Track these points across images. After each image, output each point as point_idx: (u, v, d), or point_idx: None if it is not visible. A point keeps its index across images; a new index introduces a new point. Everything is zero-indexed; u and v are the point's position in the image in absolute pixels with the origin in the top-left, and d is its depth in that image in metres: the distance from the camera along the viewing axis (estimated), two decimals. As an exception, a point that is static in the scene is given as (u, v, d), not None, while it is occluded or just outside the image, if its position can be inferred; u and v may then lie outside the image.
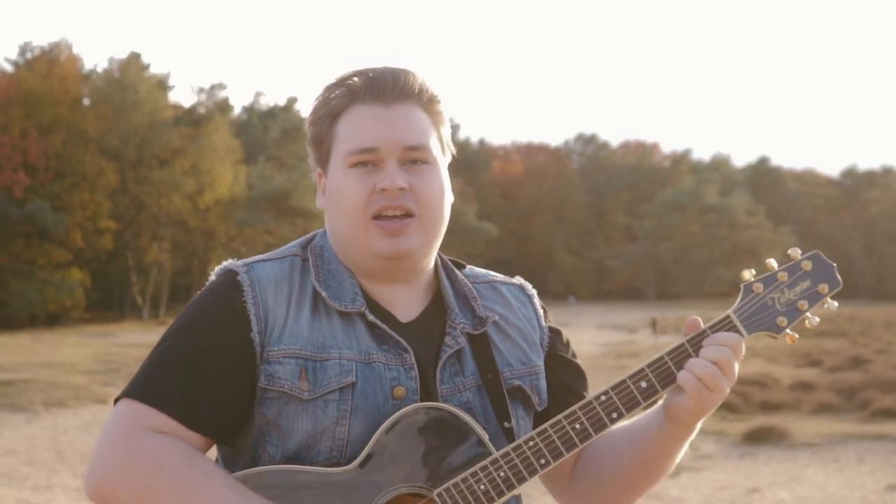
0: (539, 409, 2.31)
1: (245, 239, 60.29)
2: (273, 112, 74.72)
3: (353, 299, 2.20)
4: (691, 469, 13.68)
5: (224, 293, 2.18)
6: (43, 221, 52.73)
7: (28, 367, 25.99)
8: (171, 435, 2.08)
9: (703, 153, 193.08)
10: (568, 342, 2.44)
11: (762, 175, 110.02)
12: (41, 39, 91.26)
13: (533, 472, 2.13)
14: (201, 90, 65.96)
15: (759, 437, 15.74)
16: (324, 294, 2.19)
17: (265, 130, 71.70)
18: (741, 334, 2.19)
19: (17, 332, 46.23)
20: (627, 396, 2.16)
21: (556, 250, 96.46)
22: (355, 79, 2.22)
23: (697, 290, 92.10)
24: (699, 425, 2.23)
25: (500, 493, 2.11)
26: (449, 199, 2.28)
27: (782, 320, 2.22)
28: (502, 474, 2.11)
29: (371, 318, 2.18)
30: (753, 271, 2.25)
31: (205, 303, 2.19)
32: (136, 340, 39.84)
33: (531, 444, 2.13)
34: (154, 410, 2.09)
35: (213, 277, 2.24)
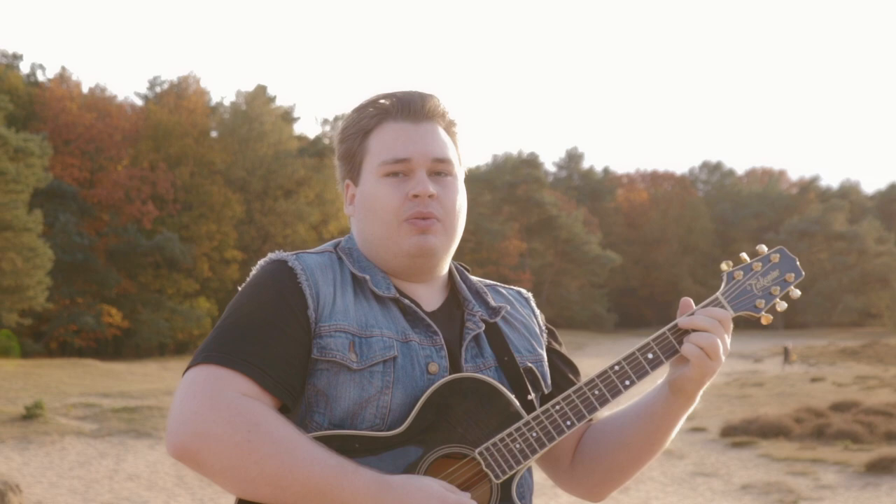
0: (546, 391, 2.59)
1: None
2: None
3: (388, 287, 2.48)
4: (811, 499, 13.29)
5: (281, 276, 2.41)
6: (171, 252, 53.55)
7: (154, 395, 26.34)
8: (252, 397, 2.26)
9: (831, 180, 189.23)
10: (561, 341, 2.76)
11: (893, 201, 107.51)
12: (170, 74, 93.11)
13: (561, 432, 2.42)
14: (325, 121, 66.72)
15: (882, 467, 15.25)
16: (367, 278, 2.47)
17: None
18: (729, 313, 2.50)
19: (145, 361, 46.92)
20: (637, 366, 2.46)
21: (682, 279, 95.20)
22: (384, 100, 2.51)
23: (826, 320, 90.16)
24: (698, 397, 2.52)
25: (534, 451, 2.40)
26: (465, 209, 2.57)
27: (760, 302, 2.55)
28: (535, 434, 2.40)
29: (406, 301, 2.47)
30: (731, 262, 2.57)
31: (265, 283, 2.41)
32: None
33: (557, 407, 2.42)
34: (236, 374, 2.26)
35: (258, 268, 2.48)
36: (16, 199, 41.75)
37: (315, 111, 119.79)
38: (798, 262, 2.61)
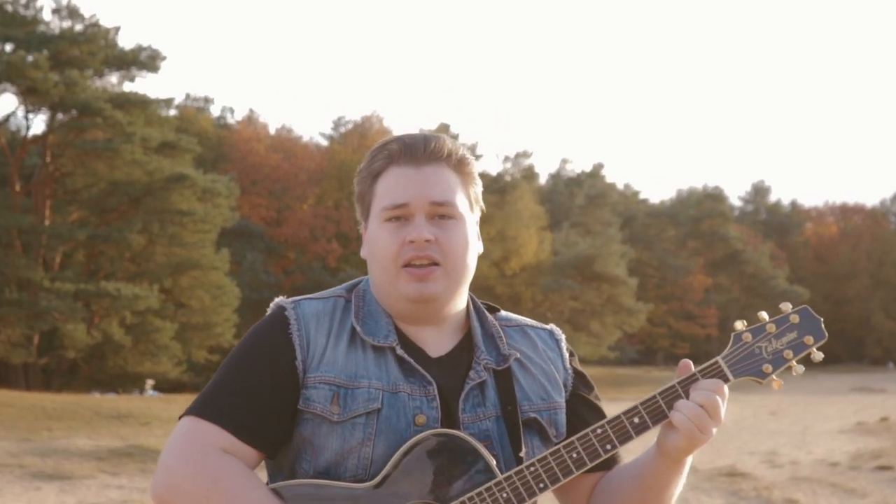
0: (556, 440, 2.53)
1: (551, 304, 60.24)
2: (579, 179, 74.74)
3: (387, 336, 2.48)
4: None
5: (274, 326, 2.49)
6: (355, 289, 54.03)
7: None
8: (228, 447, 2.39)
9: None
10: (592, 385, 2.68)
11: None
12: (354, 114, 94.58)
13: (532, 494, 2.39)
14: (507, 158, 66.66)
15: None
16: (359, 329, 2.49)
17: (571, 197, 71.73)
18: (727, 378, 2.44)
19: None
20: (621, 430, 2.41)
21: (874, 314, 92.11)
22: (393, 144, 2.53)
23: None
24: (689, 462, 2.46)
25: None
26: (475, 250, 2.55)
27: (767, 367, 2.45)
28: (504, 495, 2.36)
29: (400, 352, 2.47)
30: (745, 322, 2.46)
31: (258, 333, 2.51)
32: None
33: (532, 469, 2.39)
34: (213, 426, 2.39)
35: (268, 311, 2.57)
36: (204, 238, 42.67)
37: (497, 148, 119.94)
38: (822, 324, 2.49)
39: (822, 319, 2.50)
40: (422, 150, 2.51)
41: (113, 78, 43.81)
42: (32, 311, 36.37)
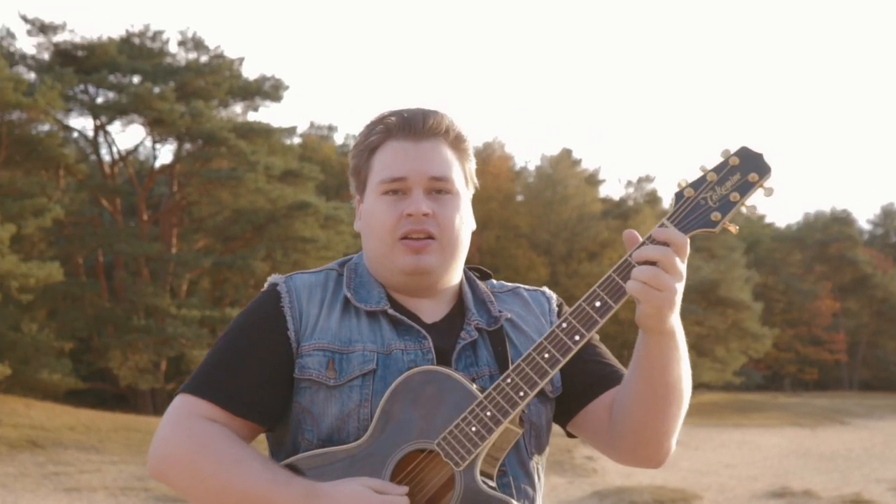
0: (552, 395, 2.57)
1: (675, 329, 59.39)
2: (702, 202, 73.70)
3: (379, 301, 2.52)
4: None
5: (265, 300, 2.54)
6: (477, 314, 53.96)
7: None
8: (220, 422, 2.43)
9: None
10: (593, 341, 2.65)
11: None
12: (475, 140, 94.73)
13: (514, 405, 2.33)
14: (629, 183, 66.14)
15: None
16: (351, 297, 2.52)
17: (700, 221, 70.72)
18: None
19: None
20: (585, 317, 2.33)
21: None
22: (392, 118, 2.55)
23: None
24: (676, 328, 2.36)
25: (490, 431, 2.34)
26: (469, 226, 2.59)
27: (716, 215, 2.34)
28: (488, 413, 2.34)
29: (392, 312, 2.50)
30: (687, 179, 2.34)
31: (250, 309, 2.55)
32: (563, 431, 39.79)
33: (508, 380, 2.35)
34: (203, 401, 2.44)
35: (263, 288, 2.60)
36: (325, 264, 42.81)
37: (619, 173, 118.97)
38: (765, 158, 2.34)
39: (763, 153, 2.35)
40: (420, 125, 2.53)
41: (237, 108, 44.48)
42: (160, 338, 36.90)
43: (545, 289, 2.75)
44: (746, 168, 2.35)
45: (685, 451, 32.18)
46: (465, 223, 2.57)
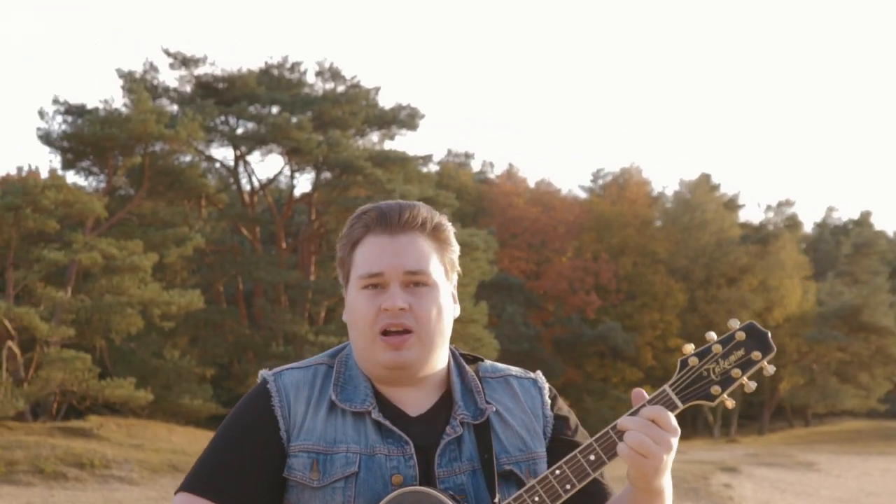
0: None
1: (816, 356, 57.98)
2: (845, 227, 72.08)
3: (364, 400, 2.55)
4: None
5: (257, 400, 2.59)
6: (615, 341, 53.44)
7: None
8: None
9: None
10: (577, 426, 2.69)
11: None
12: (612, 166, 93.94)
13: None
14: (769, 207, 64.91)
15: None
16: (335, 398, 2.56)
17: (836, 246, 69.22)
18: (675, 406, 2.45)
19: (588, 449, 46.72)
20: (578, 469, 2.43)
21: None
22: (371, 213, 2.59)
23: None
24: (664, 488, 2.46)
25: None
26: (450, 315, 2.61)
27: (716, 389, 2.43)
28: None
29: (375, 416, 2.54)
30: (693, 345, 2.45)
31: (243, 408, 2.61)
32: (700, 458, 39.12)
33: None
34: (203, 500, 2.49)
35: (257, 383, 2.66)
36: (462, 291, 42.82)
37: (759, 197, 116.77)
38: (769, 337, 2.47)
39: (768, 333, 2.47)
40: (396, 220, 2.57)
41: (374, 137, 44.75)
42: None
43: (538, 377, 2.74)
44: (751, 345, 2.46)
45: (826, 479, 31.31)
46: (443, 313, 2.59)
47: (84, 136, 34.48)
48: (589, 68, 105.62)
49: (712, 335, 2.47)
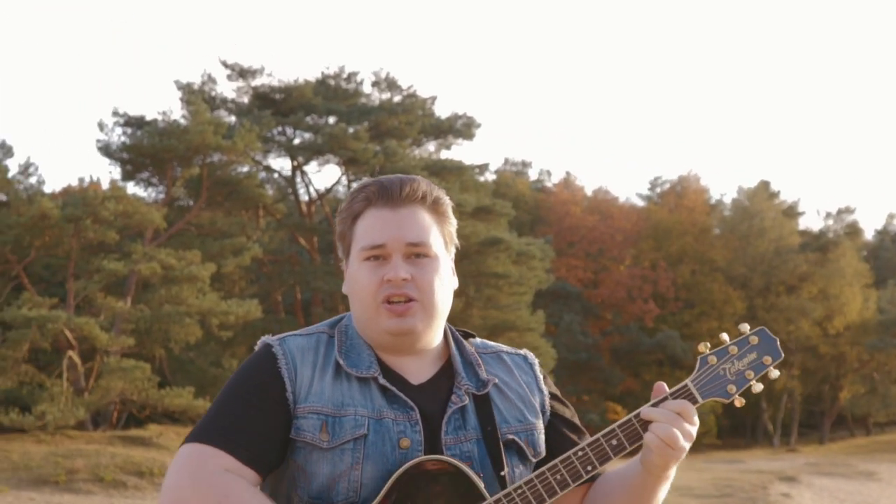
0: (534, 459, 2.68)
1: (877, 364, 57.20)
2: (907, 234, 71.13)
3: (369, 367, 2.61)
4: None
5: (263, 361, 2.62)
6: (673, 350, 53.06)
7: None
8: (230, 468, 2.49)
9: None
10: (567, 403, 2.81)
11: None
12: (670, 173, 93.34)
13: None
14: (829, 215, 64.18)
15: None
16: (342, 363, 2.61)
17: (898, 253, 68.35)
18: (696, 400, 2.57)
19: (646, 458, 46.48)
20: (600, 452, 2.55)
21: None
22: (371, 186, 2.66)
23: None
24: (672, 474, 2.60)
25: None
26: (450, 286, 2.69)
27: (732, 388, 2.58)
28: None
29: (382, 381, 2.59)
30: (709, 344, 2.59)
31: (249, 369, 2.63)
32: (759, 467, 38.72)
33: (519, 491, 2.50)
34: (218, 450, 2.50)
35: (255, 349, 2.68)
36: (519, 300, 42.74)
37: (819, 205, 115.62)
38: (778, 344, 2.63)
39: (777, 339, 2.63)
40: (398, 193, 2.63)
41: (430, 146, 44.73)
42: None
43: (528, 354, 2.83)
44: (763, 350, 2.62)
45: (887, 489, 30.87)
46: (444, 284, 2.66)
47: (143, 148, 34.72)
48: (646, 76, 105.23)
49: (726, 337, 2.62)
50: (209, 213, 36.80)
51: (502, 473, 2.58)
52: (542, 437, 2.70)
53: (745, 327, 2.63)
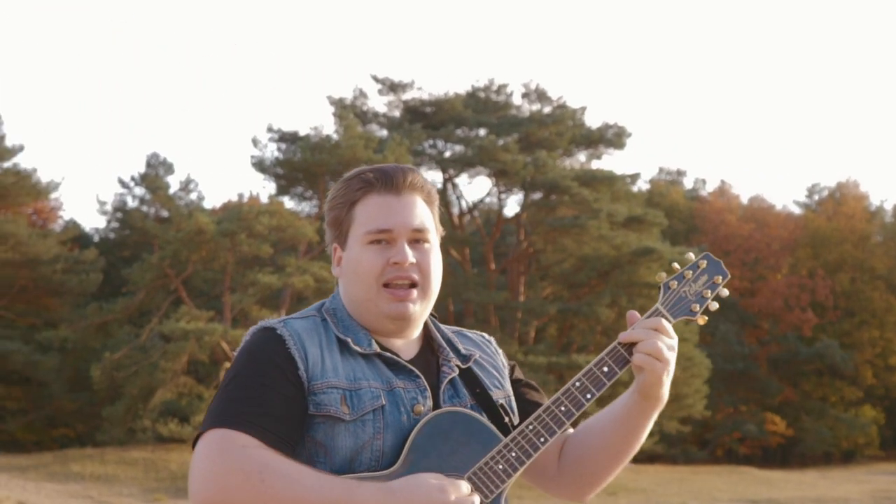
0: (514, 423, 2.78)
1: None
2: None
3: (369, 344, 2.69)
4: None
5: (270, 343, 2.62)
6: (832, 359, 51.51)
7: (800, 502, 24.97)
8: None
9: None
10: (520, 370, 2.97)
11: None
12: (828, 180, 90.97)
13: (536, 449, 2.66)
14: None
15: None
16: (348, 340, 2.67)
17: None
18: (669, 320, 2.76)
19: (806, 469, 45.40)
20: (595, 379, 2.72)
21: None
22: (370, 174, 2.74)
23: None
24: (664, 396, 2.74)
25: (515, 469, 2.64)
26: (441, 271, 2.78)
27: (695, 306, 2.82)
28: (513, 454, 2.64)
29: (387, 354, 2.68)
30: (664, 273, 2.84)
31: (256, 351, 2.63)
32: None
33: (530, 427, 2.67)
34: (241, 433, 2.49)
35: (248, 335, 2.69)
36: (672, 310, 42.06)
37: None
38: (723, 265, 2.86)
39: (721, 261, 2.86)
40: (402, 181, 2.71)
41: (580, 156, 44.29)
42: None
43: (483, 333, 2.98)
44: (712, 271, 2.84)
45: None
46: (440, 271, 2.77)
47: (295, 163, 35.14)
48: (802, 81, 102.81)
49: (677, 266, 2.83)
50: (360, 226, 36.96)
51: (506, 421, 2.73)
52: (514, 403, 2.84)
53: (691, 255, 2.85)
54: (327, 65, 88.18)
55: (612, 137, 42.67)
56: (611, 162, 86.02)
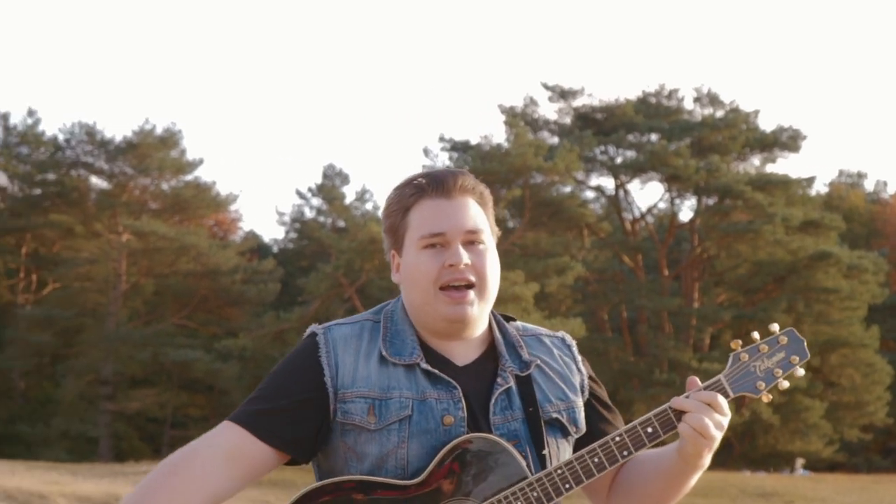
0: (576, 435, 2.77)
1: None
2: None
3: (412, 353, 2.68)
4: None
5: (306, 349, 2.71)
6: None
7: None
8: (247, 444, 2.64)
9: None
10: (601, 384, 2.89)
11: None
12: None
13: (559, 494, 2.63)
14: None
15: None
16: (386, 353, 2.68)
17: None
18: (728, 394, 2.67)
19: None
20: (636, 438, 2.65)
21: None
22: (421, 179, 2.74)
23: None
24: (706, 463, 2.68)
25: None
26: (498, 273, 2.75)
27: (761, 384, 2.70)
28: (535, 494, 2.61)
29: (424, 366, 2.68)
30: (740, 342, 2.71)
31: (292, 356, 2.75)
32: None
33: (559, 471, 2.63)
34: (238, 427, 2.63)
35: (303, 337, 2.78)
36: (851, 315, 40.85)
37: None
38: (805, 345, 2.72)
39: (805, 340, 2.72)
40: (452, 184, 2.69)
41: (755, 160, 43.38)
42: (682, 392, 36.48)
43: (566, 335, 2.91)
44: (791, 349, 2.70)
45: None
46: (496, 271, 2.74)
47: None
48: None
49: (757, 336, 2.69)
50: (533, 234, 36.97)
51: (543, 453, 2.68)
52: (583, 414, 2.77)
53: (776, 327, 2.72)
54: (498, 73, 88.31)
55: (787, 140, 41.67)
56: (786, 165, 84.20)
